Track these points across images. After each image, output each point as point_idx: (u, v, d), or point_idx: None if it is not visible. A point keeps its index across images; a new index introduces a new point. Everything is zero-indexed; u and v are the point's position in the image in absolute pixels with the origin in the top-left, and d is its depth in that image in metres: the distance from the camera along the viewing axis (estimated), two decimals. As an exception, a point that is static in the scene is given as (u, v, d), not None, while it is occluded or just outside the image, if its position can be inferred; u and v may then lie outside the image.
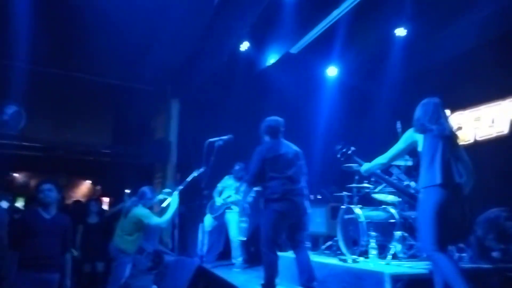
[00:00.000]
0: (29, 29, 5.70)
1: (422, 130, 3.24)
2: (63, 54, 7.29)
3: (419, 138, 3.24)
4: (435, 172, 3.03)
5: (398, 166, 4.83)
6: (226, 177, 6.46)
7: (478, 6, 5.25)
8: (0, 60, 7.10)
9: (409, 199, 4.44)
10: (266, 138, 4.08)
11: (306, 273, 3.73)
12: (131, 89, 8.52)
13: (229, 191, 6.29)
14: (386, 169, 4.02)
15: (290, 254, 4.31)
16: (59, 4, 5.79)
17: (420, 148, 3.24)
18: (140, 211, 4.67)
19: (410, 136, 3.34)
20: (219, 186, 6.40)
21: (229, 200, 6.17)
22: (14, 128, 7.66)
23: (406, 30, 5.76)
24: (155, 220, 4.68)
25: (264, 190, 3.96)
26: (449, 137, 3.24)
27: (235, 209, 6.20)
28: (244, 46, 6.47)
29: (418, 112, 3.36)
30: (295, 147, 4.11)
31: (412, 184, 3.86)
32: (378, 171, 3.74)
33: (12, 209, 6.46)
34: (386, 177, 4.04)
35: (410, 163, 4.68)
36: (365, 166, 3.71)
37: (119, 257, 4.65)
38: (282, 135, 4.10)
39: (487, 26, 5.32)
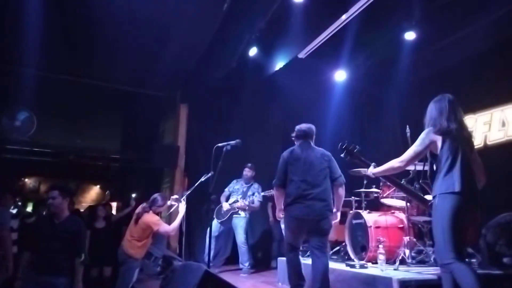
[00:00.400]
0: (40, 36, 5.77)
1: (442, 131, 3.00)
2: (73, 60, 7.38)
3: (438, 139, 3.02)
4: (455, 178, 2.85)
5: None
6: (234, 182, 6.48)
7: (487, 9, 5.21)
8: (12, 67, 7.22)
9: (419, 204, 4.39)
10: (295, 143, 4.22)
11: (318, 283, 3.66)
12: (140, 95, 8.59)
13: (236, 195, 6.30)
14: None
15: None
16: (70, 11, 5.86)
17: (437, 151, 3.02)
18: (151, 217, 4.68)
19: (429, 137, 3.06)
20: (226, 190, 6.41)
21: (236, 205, 6.18)
22: (25, 134, 7.76)
23: (415, 34, 5.72)
24: (164, 227, 4.70)
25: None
26: (469, 140, 3.10)
27: (242, 214, 6.21)
28: (253, 51, 6.50)
29: (433, 110, 3.15)
30: (322, 151, 4.12)
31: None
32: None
33: (22, 213, 6.52)
34: (397, 180, 3.96)
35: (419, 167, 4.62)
36: (375, 169, 3.47)
37: (127, 262, 4.64)
38: (309, 140, 4.18)
39: (497, 29, 5.28)
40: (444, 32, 5.87)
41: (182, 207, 4.94)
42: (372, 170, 3.51)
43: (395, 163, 3.23)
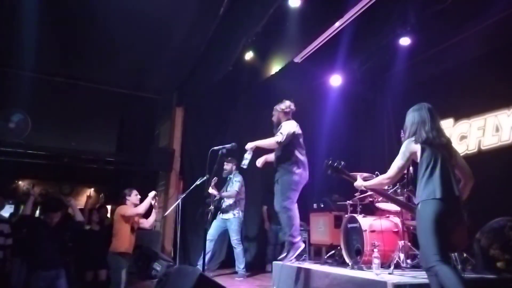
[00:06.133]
0: (35, 37, 5.76)
1: (422, 140, 3.10)
2: (69, 62, 7.37)
3: (418, 149, 3.10)
4: (435, 185, 2.93)
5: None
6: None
7: (481, 16, 5.27)
8: (7, 69, 7.20)
9: (408, 212, 4.44)
10: None
11: None
12: (136, 97, 8.58)
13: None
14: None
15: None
16: (66, 14, 5.85)
17: (418, 159, 3.11)
18: (119, 208, 4.96)
19: (409, 149, 3.18)
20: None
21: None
22: (19, 136, 7.72)
23: (410, 40, 5.77)
24: (131, 209, 4.95)
25: None
26: (447, 146, 3.16)
27: (232, 215, 6.19)
28: (249, 55, 6.52)
29: (413, 118, 3.26)
30: None
31: None
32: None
33: (16, 215, 6.47)
34: (384, 192, 4.06)
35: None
36: (366, 183, 3.58)
37: (110, 263, 4.78)
38: None
39: (490, 35, 5.34)
40: (439, 38, 5.92)
41: (151, 194, 5.11)
42: (362, 183, 3.62)
43: (383, 180, 3.36)
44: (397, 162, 3.23)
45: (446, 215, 2.91)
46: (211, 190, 6.05)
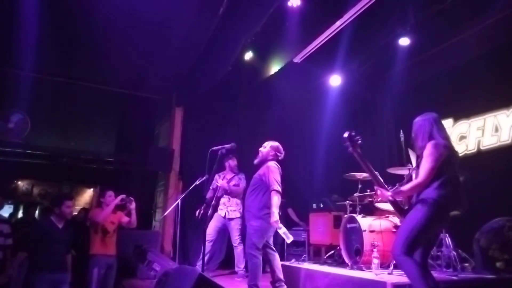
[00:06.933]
0: (34, 37, 5.75)
1: (445, 146, 3.12)
2: (68, 62, 7.34)
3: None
4: (447, 190, 3.01)
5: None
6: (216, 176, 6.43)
7: (480, 16, 5.28)
8: (6, 68, 7.18)
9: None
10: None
11: None
12: (135, 97, 8.57)
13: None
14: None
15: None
16: (65, 14, 5.84)
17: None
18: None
19: (439, 152, 3.08)
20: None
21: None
22: (19, 136, 7.70)
23: (409, 40, 5.77)
24: (94, 212, 5.07)
25: None
26: (457, 152, 3.29)
27: (240, 215, 6.18)
28: (248, 55, 6.52)
29: (425, 126, 3.25)
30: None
31: None
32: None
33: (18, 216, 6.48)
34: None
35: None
36: (402, 188, 3.23)
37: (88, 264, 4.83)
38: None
39: (490, 35, 5.35)
40: (438, 38, 5.93)
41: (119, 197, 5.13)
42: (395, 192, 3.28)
43: (420, 182, 3.10)
44: (431, 164, 3.07)
45: (442, 221, 3.11)
46: (221, 182, 6.04)
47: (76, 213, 7.65)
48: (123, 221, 5.12)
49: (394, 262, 3.06)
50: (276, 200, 4.28)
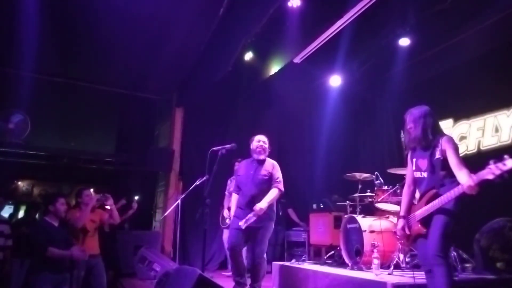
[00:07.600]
0: (35, 38, 5.75)
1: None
2: (68, 63, 7.35)
3: None
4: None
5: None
6: (229, 182, 6.43)
7: (481, 15, 5.27)
8: (6, 69, 7.18)
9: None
10: None
11: None
12: (136, 97, 8.57)
13: None
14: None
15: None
16: (65, 14, 5.84)
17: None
18: None
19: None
20: (227, 193, 6.32)
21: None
22: (19, 137, 7.70)
23: (409, 40, 5.77)
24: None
25: None
26: None
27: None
28: (248, 56, 6.52)
29: (432, 121, 3.26)
30: None
31: None
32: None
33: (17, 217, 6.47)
34: None
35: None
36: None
37: None
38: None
39: (489, 36, 5.34)
40: (438, 38, 5.92)
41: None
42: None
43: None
44: (459, 157, 3.12)
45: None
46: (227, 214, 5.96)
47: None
48: (104, 219, 4.97)
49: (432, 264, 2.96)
50: (275, 195, 4.32)
